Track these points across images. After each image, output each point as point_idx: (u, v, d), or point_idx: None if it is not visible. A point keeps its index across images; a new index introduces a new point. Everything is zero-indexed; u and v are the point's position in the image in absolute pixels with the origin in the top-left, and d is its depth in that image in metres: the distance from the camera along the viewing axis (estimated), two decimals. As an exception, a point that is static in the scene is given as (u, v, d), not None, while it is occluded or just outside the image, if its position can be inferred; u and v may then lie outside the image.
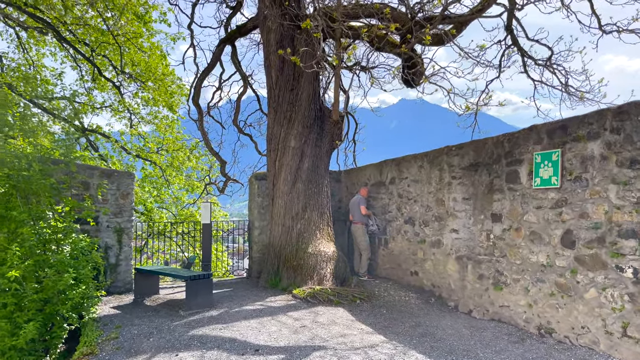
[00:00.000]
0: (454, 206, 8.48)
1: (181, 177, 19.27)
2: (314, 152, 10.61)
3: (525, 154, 6.93)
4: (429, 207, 9.12)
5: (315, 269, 9.59)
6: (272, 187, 10.79)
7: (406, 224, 9.85)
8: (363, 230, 10.81)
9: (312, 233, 10.15)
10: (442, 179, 8.77)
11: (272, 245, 10.49)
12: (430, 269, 9.06)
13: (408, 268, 9.79)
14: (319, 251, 9.84)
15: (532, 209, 6.77)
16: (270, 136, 10.98)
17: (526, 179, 6.91)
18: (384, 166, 10.77)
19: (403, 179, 10.00)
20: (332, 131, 10.91)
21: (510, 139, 7.21)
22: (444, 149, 8.80)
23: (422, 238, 9.32)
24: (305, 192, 10.39)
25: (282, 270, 10.03)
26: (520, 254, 6.96)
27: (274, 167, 10.78)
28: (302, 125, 10.54)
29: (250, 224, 12.06)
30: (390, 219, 10.51)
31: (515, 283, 7.04)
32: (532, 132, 6.82)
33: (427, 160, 9.23)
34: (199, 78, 13.87)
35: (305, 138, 10.53)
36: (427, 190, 9.19)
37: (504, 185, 7.31)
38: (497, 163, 7.46)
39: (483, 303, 7.66)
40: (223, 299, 9.21)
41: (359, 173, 12.00)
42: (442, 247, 8.74)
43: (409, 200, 9.80)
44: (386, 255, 10.63)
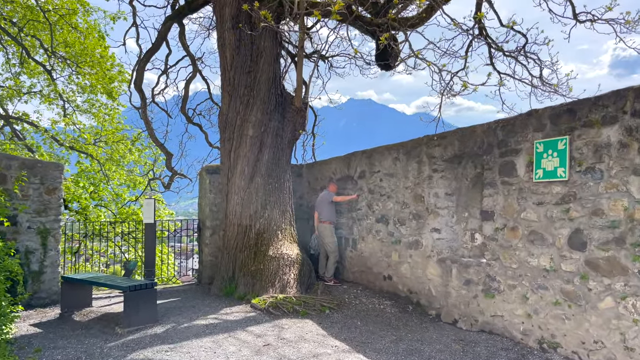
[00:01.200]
0: (436, 202, 7.57)
1: (122, 171, 17.50)
2: (275, 142, 9.44)
3: (523, 143, 6.08)
4: (406, 204, 8.17)
5: (277, 274, 8.44)
6: (226, 182, 9.53)
7: (378, 223, 8.88)
8: (331, 230, 9.75)
9: (273, 234, 8.99)
10: (421, 173, 7.84)
11: (227, 247, 9.24)
12: (407, 273, 8.12)
13: (380, 272, 8.82)
14: (281, 254, 8.69)
15: (532, 206, 5.93)
16: (224, 124, 9.70)
17: (524, 171, 6.06)
18: (352, 159, 9.75)
19: (375, 172, 9.02)
20: (294, 119, 9.78)
21: (505, 126, 6.36)
22: (423, 138, 7.87)
23: (397, 238, 8.36)
24: (265, 187, 9.21)
25: (239, 277, 8.80)
26: (516, 257, 6.11)
27: (228, 159, 9.52)
28: (262, 111, 9.34)
29: (200, 224, 10.72)
30: (359, 218, 9.50)
31: (510, 290, 6.19)
32: (532, 118, 5.98)
33: (403, 152, 8.28)
34: (141, 60, 12.34)
35: (265, 126, 9.34)
36: (404, 185, 8.24)
37: (496, 178, 6.45)
38: (488, 154, 6.59)
39: (471, 312, 6.78)
40: (170, 311, 7.88)
41: (322, 167, 10.93)
42: (420, 249, 7.81)
43: (381, 197, 8.83)
44: (355, 257, 9.62)
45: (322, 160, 11.06)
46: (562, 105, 5.65)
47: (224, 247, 9.36)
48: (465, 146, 7.01)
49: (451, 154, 7.30)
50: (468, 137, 6.96)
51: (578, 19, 11.10)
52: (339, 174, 10.22)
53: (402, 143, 8.37)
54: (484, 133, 6.69)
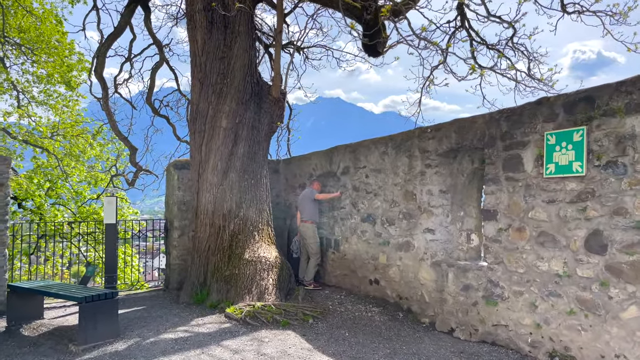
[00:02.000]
0: (429, 200, 6.94)
1: (82, 168, 16.29)
2: (251, 134, 8.65)
3: (531, 135, 5.50)
4: (395, 202, 7.53)
5: (254, 279, 7.66)
6: (197, 178, 8.69)
7: (364, 223, 8.21)
8: (314, 230, 9.03)
9: (249, 235, 8.20)
10: (413, 168, 7.20)
11: (198, 250, 8.40)
12: (396, 277, 7.48)
13: (366, 275, 8.16)
14: (258, 257, 7.92)
15: (542, 204, 5.36)
16: (194, 114, 8.85)
17: (532, 165, 5.48)
18: (335, 153, 9.05)
19: (360, 168, 8.34)
20: (272, 110, 9.01)
21: (510, 117, 5.77)
22: (415, 131, 7.24)
23: (385, 239, 7.71)
24: (241, 183, 8.41)
25: (211, 282, 7.98)
26: (523, 261, 5.54)
27: (199, 153, 8.68)
28: (236, 101, 8.53)
29: (167, 224, 9.82)
30: (342, 217, 8.81)
31: (516, 297, 5.61)
32: (542, 107, 5.40)
33: (392, 146, 7.63)
34: (103, 45, 11.29)
35: (240, 117, 8.54)
36: (393, 182, 7.59)
37: (500, 174, 5.86)
38: (490, 147, 6.00)
39: (470, 321, 6.19)
40: (133, 322, 7.01)
41: (302, 163, 10.19)
42: (412, 251, 7.18)
43: (367, 194, 8.16)
44: (337, 259, 8.93)
45: (301, 156, 10.33)
46: (578, 93, 5.09)
47: (194, 249, 8.51)
48: (463, 139, 6.40)
49: (447, 148, 6.68)
50: (467, 128, 6.35)
51: (566, 10, 10.72)
52: (320, 170, 9.51)
53: (391, 136, 7.72)
54: (485, 124, 6.09)
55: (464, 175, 6.88)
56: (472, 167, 6.74)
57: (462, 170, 6.88)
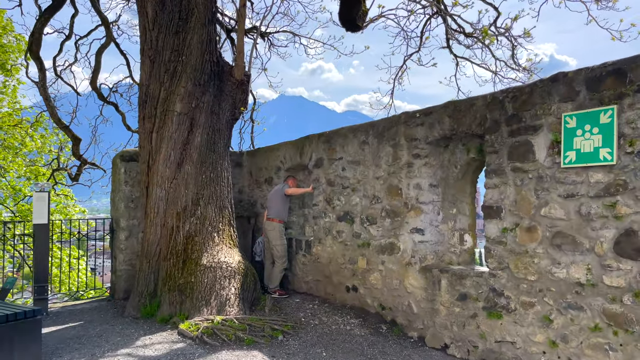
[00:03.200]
0: (418, 196, 6.02)
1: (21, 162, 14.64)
2: (210, 121, 7.52)
3: (544, 117, 4.64)
4: (377, 198, 6.58)
5: (214, 289, 6.56)
6: (146, 171, 7.49)
7: (340, 222, 7.22)
8: (281, 231, 7.98)
9: (208, 236, 7.08)
10: (398, 159, 6.27)
11: (147, 254, 7.21)
12: (378, 284, 6.53)
13: (342, 282, 7.18)
14: (218, 262, 6.82)
15: (558, 199, 4.51)
16: (143, 97, 7.64)
17: (545, 153, 4.63)
18: (306, 144, 8.03)
19: (335, 160, 7.35)
20: (234, 94, 7.90)
21: (517, 97, 4.90)
22: (401, 116, 6.31)
23: (365, 240, 6.76)
24: (198, 177, 7.28)
25: (163, 292, 6.83)
26: (535, 266, 4.68)
27: (149, 142, 7.48)
28: (193, 82, 7.38)
29: (113, 224, 8.57)
30: (315, 215, 7.80)
31: (525, 309, 4.75)
32: (558, 84, 4.55)
33: (373, 134, 6.67)
34: (39, 20, 9.86)
35: (198, 101, 7.40)
36: (374, 175, 6.64)
37: (504, 164, 4.99)
38: (492, 133, 5.12)
39: (467, 335, 5.30)
40: (65, 344, 5.78)
41: (268, 154, 9.11)
42: (397, 254, 6.25)
43: (344, 189, 7.18)
44: (309, 263, 7.92)
45: (267, 147, 9.25)
46: (604, 66, 4.26)
47: (143, 253, 7.31)
48: (459, 124, 5.50)
49: (439, 135, 5.77)
50: (463, 112, 5.45)
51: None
52: (289, 163, 8.47)
53: (372, 123, 6.76)
54: (486, 106, 5.21)
55: (457, 167, 6.00)
56: (466, 158, 5.87)
57: (455, 162, 5.99)
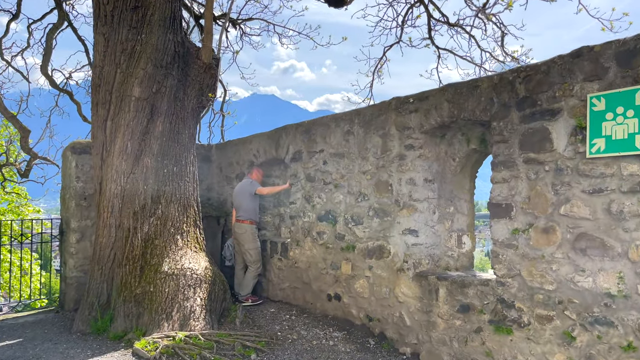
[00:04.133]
0: (411, 192, 5.29)
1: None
2: (174, 108, 6.64)
3: (564, 99, 3.97)
4: (363, 195, 5.83)
5: (176, 300, 5.70)
6: (99, 164, 6.57)
7: (321, 222, 6.44)
8: (253, 233, 7.14)
9: (170, 239, 6.21)
10: (388, 151, 5.53)
11: (99, 259, 6.29)
12: (365, 292, 5.78)
13: (324, 289, 6.40)
14: (181, 269, 5.95)
15: (581, 195, 3.84)
16: (97, 81, 6.71)
17: (565, 141, 3.96)
18: (282, 135, 7.22)
19: (316, 152, 6.57)
20: (201, 79, 7.03)
21: (530, 76, 4.21)
22: (392, 102, 5.57)
23: (349, 243, 6.00)
24: (159, 172, 6.40)
25: (117, 304, 5.92)
26: (553, 274, 4.00)
27: (102, 131, 6.56)
28: (154, 63, 6.49)
29: (63, 225, 7.58)
30: (292, 215, 7.00)
31: (541, 323, 4.07)
32: (582, 60, 3.88)
33: (359, 123, 5.92)
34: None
35: (159, 85, 6.51)
36: (360, 169, 5.89)
37: (515, 154, 4.30)
38: (501, 119, 4.42)
39: (470, 353, 4.60)
40: (-7, 369, 4.85)
41: (240, 148, 8.26)
42: (386, 258, 5.51)
43: (326, 185, 6.40)
44: (285, 268, 7.11)
45: (238, 139, 8.40)
46: (638, 37, 3.60)
47: (94, 259, 6.38)
48: (460, 109, 4.79)
49: (436, 123, 5.05)
50: (466, 95, 4.74)
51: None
52: (264, 156, 7.64)
53: (358, 110, 6.01)
54: (492, 88, 4.51)
55: (455, 160, 5.30)
56: (466, 149, 5.17)
57: (453, 153, 5.29)
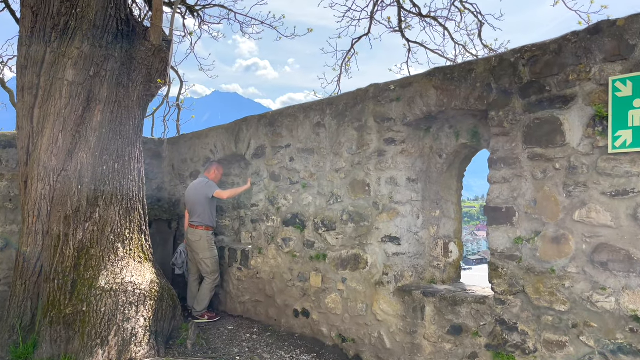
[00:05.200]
0: (392, 194, 4.58)
1: None
2: (116, 95, 5.71)
3: (580, 84, 3.33)
4: (336, 197, 5.08)
5: (114, 321, 4.79)
6: (25, 160, 5.57)
7: (287, 227, 5.65)
8: (210, 240, 6.27)
9: (110, 248, 5.28)
10: (365, 146, 4.80)
11: (23, 273, 5.29)
12: (337, 308, 5.03)
13: (289, 304, 5.61)
14: (122, 284, 5.04)
15: (601, 198, 3.21)
16: (23, 62, 5.69)
17: (581, 134, 3.32)
18: (243, 128, 6.38)
19: (281, 148, 5.77)
20: (149, 63, 6.11)
21: (537, 58, 3.56)
22: (369, 90, 4.84)
23: (320, 251, 5.24)
24: (97, 169, 5.46)
25: (43, 326, 4.95)
26: (565, 291, 3.36)
27: (29, 122, 5.57)
28: (92, 42, 5.54)
29: (-15, 231, 6.50)
30: (254, 218, 6.17)
31: (551, 350, 3.42)
32: (601, 37, 3.25)
33: (332, 114, 5.17)
34: None
35: (98, 67, 5.57)
36: (333, 167, 5.14)
37: (518, 149, 3.65)
38: (500, 108, 3.76)
39: (463, 382, 3.93)
40: None
41: (195, 142, 7.36)
42: (363, 269, 4.77)
43: (292, 185, 5.62)
44: (246, 279, 6.28)
45: (193, 133, 7.50)
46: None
47: (17, 272, 5.37)
48: (451, 97, 4.10)
49: (421, 114, 4.36)
50: (457, 81, 4.06)
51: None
52: (222, 152, 6.78)
53: (330, 99, 5.26)
54: (490, 72, 3.84)
55: (441, 157, 4.62)
56: (455, 144, 4.50)
57: (440, 149, 4.61)
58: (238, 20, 12.52)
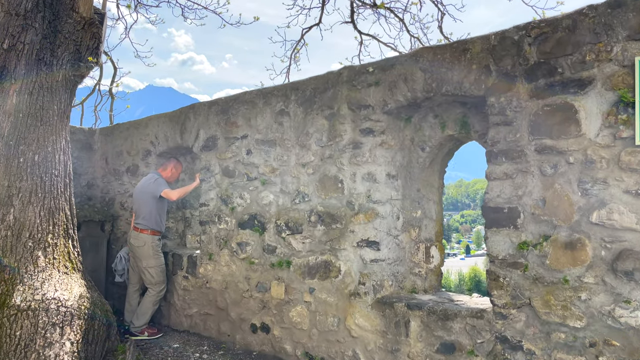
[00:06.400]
0: (370, 192, 4.00)
1: None
2: (36, 74, 4.76)
3: (598, 65, 2.89)
4: (303, 195, 4.43)
5: (32, 347, 3.90)
6: None
7: (243, 229, 4.94)
8: (156, 246, 5.41)
9: (27, 256, 4.35)
10: (338, 137, 4.18)
11: None
12: (303, 323, 4.39)
13: (246, 317, 4.90)
14: (43, 301, 4.14)
15: (624, 197, 2.79)
16: None
17: (599, 124, 2.89)
18: (190, 116, 5.58)
19: (237, 139, 5.04)
20: (78, 38, 5.18)
21: (547, 35, 3.09)
22: (342, 72, 4.23)
23: (282, 257, 4.57)
24: (11, 162, 4.50)
25: (-64, 357, 3.97)
26: (581, 305, 2.92)
27: None
28: (5, 8, 4.59)
29: None
30: (204, 220, 5.39)
31: (563, 372, 2.97)
32: (624, 11, 2.81)
33: (297, 100, 4.51)
34: None
35: (14, 40, 4.60)
36: (299, 161, 4.48)
37: (523, 141, 3.17)
38: (500, 93, 3.27)
39: (456, 408, 3.42)
40: None
41: (132, 133, 6.45)
42: (335, 278, 4.16)
43: (250, 182, 4.91)
44: (193, 289, 5.49)
45: (131, 122, 6.58)
46: None
47: None
48: (441, 81, 3.57)
49: (406, 100, 3.80)
50: (449, 63, 3.54)
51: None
52: (165, 144, 5.94)
53: (296, 83, 4.59)
54: (490, 53, 3.34)
55: (424, 150, 4.09)
56: (440, 136, 3.99)
57: (423, 141, 4.08)
58: (179, 3, 11.55)
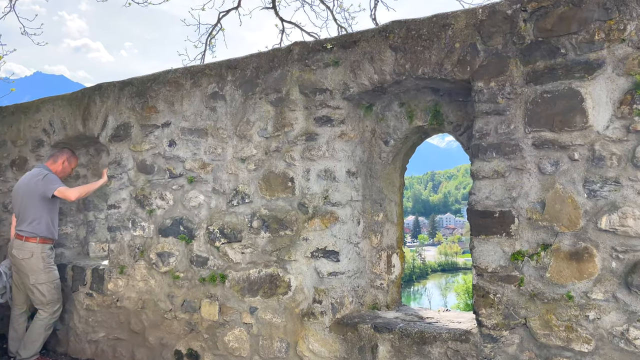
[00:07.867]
0: (329, 192, 3.35)
1: None
2: None
3: (608, 45, 2.49)
4: (243, 196, 3.67)
5: None
6: None
7: (165, 237, 4.06)
8: (46, 257, 4.30)
9: None
10: (288, 126, 3.48)
11: None
12: (242, 348, 3.64)
13: (168, 343, 4.03)
14: None
15: (638, 199, 2.41)
16: None
17: (609, 114, 2.49)
18: (96, 99, 4.55)
19: (156, 127, 4.14)
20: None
21: (546, 10, 2.65)
22: (293, 48, 3.53)
23: (215, 271, 3.78)
24: None
25: None
26: (589, 325, 2.50)
27: None
28: None
29: None
30: (113, 225, 4.39)
31: (567, 404, 2.55)
32: (641, -16, 2.43)
33: (235, 81, 3.74)
34: None
35: None
36: (237, 155, 3.71)
37: (517, 134, 2.70)
38: (490, 77, 2.78)
39: None
40: None
41: (20, 117, 5.22)
42: (283, 295, 3.46)
43: (174, 180, 4.04)
44: (99, 309, 4.48)
45: (17, 105, 5.34)
46: None
47: None
48: (417, 62, 3.01)
49: (371, 84, 3.20)
50: (426, 40, 2.99)
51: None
52: (62, 133, 4.83)
53: (234, 60, 3.79)
54: (476, 29, 2.84)
55: (387, 143, 3.53)
56: (408, 127, 3.44)
57: (387, 133, 3.51)
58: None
